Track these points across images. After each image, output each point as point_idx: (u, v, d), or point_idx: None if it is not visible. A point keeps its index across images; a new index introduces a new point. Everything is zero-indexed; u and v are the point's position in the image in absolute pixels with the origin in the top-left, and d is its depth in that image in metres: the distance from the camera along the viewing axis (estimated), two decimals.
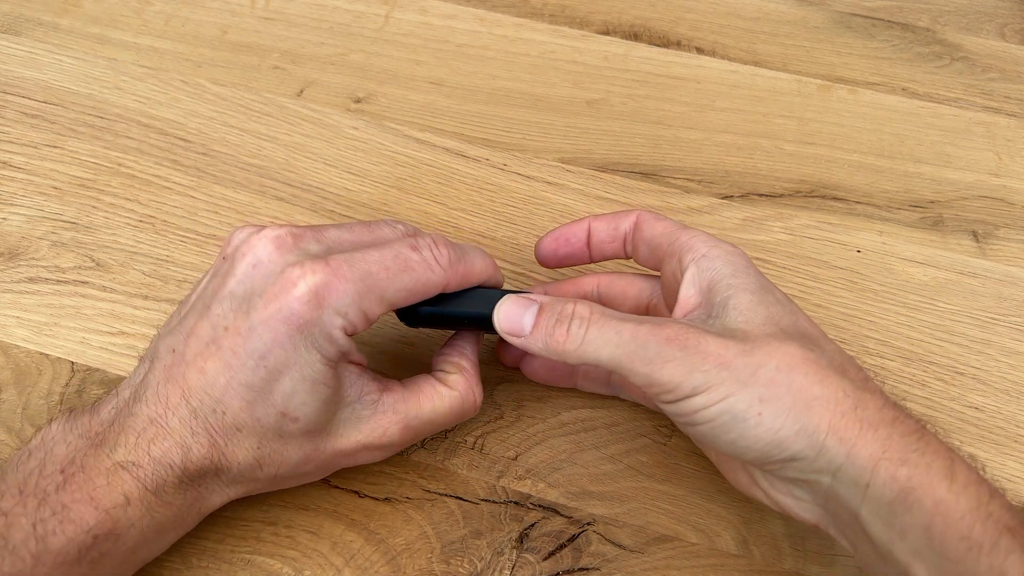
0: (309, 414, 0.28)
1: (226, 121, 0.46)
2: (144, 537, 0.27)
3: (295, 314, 0.26)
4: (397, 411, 0.30)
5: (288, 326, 0.26)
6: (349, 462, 0.30)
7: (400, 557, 0.32)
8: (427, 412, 0.30)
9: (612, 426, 0.36)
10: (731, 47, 0.53)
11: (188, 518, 0.29)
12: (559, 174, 0.45)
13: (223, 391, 0.27)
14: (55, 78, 0.48)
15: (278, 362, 0.27)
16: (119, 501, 0.26)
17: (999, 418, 0.37)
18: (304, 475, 0.30)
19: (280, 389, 0.27)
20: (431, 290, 0.29)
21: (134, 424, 0.27)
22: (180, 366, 0.27)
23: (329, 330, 0.27)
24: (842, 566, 0.33)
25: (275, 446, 0.28)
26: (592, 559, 0.33)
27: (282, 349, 0.27)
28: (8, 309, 0.38)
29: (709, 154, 0.47)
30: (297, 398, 0.27)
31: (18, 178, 0.43)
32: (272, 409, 0.27)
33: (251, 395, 0.27)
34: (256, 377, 0.27)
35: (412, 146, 0.46)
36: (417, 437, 0.31)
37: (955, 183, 0.46)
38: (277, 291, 0.27)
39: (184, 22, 0.51)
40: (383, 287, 0.28)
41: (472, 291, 0.31)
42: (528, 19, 0.53)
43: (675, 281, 0.31)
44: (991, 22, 0.55)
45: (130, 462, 0.26)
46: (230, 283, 0.28)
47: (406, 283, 0.29)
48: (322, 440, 0.29)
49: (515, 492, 0.34)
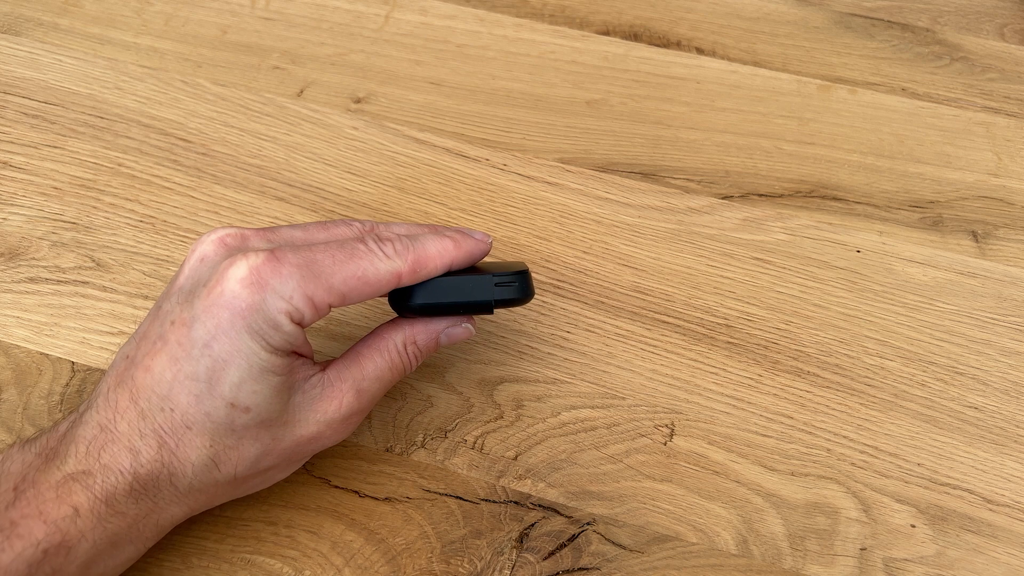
0: (260, 403, 0.27)
1: (226, 121, 0.46)
2: (97, 550, 0.26)
3: (236, 297, 0.26)
4: (344, 379, 0.29)
5: (230, 311, 0.26)
6: (315, 447, 0.30)
7: (400, 557, 0.32)
8: (371, 371, 0.30)
9: (612, 426, 0.36)
10: (731, 47, 0.53)
11: (145, 531, 0.28)
12: (559, 174, 0.45)
13: (170, 386, 0.26)
14: (55, 78, 0.48)
15: (223, 350, 0.26)
16: (68, 513, 0.25)
17: (999, 418, 0.37)
18: (267, 472, 0.29)
19: (227, 379, 0.26)
20: (385, 278, 0.28)
21: (84, 433, 0.27)
22: (130, 368, 0.27)
23: (273, 316, 0.26)
24: (842, 566, 0.33)
25: (229, 441, 0.27)
26: (592, 559, 0.33)
27: (226, 336, 0.26)
28: (8, 309, 0.38)
29: (709, 154, 0.47)
30: (246, 387, 0.26)
31: (18, 178, 0.43)
32: (221, 401, 0.26)
33: (198, 387, 0.26)
34: (201, 367, 0.26)
35: (412, 146, 0.46)
36: (373, 401, 0.31)
37: (955, 183, 0.46)
38: (218, 277, 0.26)
39: (184, 22, 0.51)
40: (329, 274, 0.27)
41: (461, 276, 0.31)
42: (528, 19, 0.53)
43: None
44: (991, 22, 0.55)
45: (80, 472, 0.26)
46: (179, 280, 0.28)
47: (354, 271, 0.28)
48: (279, 430, 0.28)
49: (515, 492, 0.34)
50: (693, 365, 0.38)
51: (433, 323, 0.31)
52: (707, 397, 0.37)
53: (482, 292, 0.30)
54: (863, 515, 0.34)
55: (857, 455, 0.36)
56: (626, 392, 0.37)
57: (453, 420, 0.36)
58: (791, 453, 0.36)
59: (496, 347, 0.38)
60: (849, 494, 0.35)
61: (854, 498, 0.35)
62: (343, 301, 0.28)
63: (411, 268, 0.29)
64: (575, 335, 0.39)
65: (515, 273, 0.31)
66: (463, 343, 0.38)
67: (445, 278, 0.30)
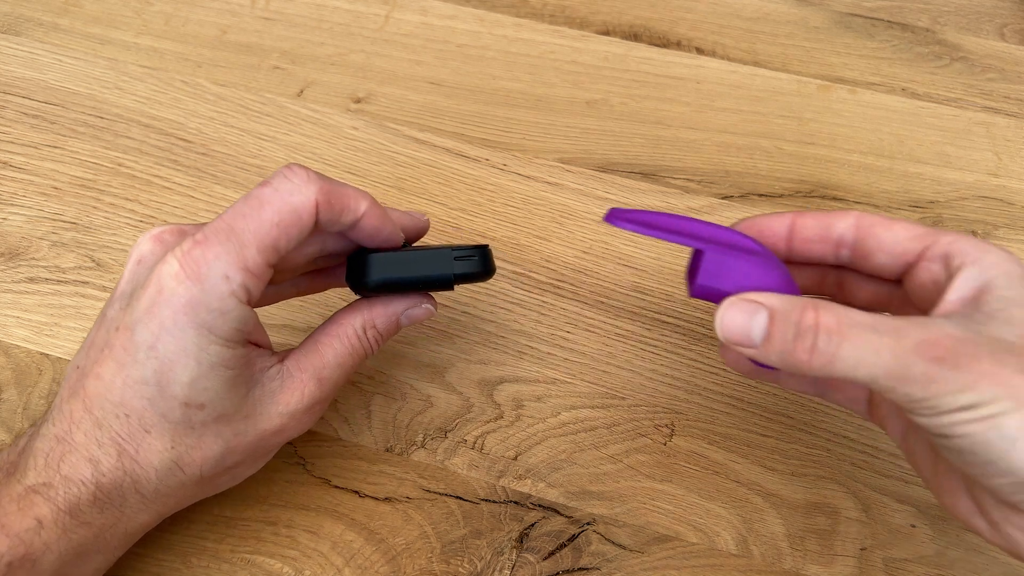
0: (215, 399, 0.26)
1: (226, 121, 0.46)
2: (63, 561, 0.26)
3: (174, 295, 0.25)
4: (304, 368, 0.29)
5: (171, 309, 0.25)
6: (280, 439, 0.29)
7: (400, 557, 0.32)
8: (331, 358, 0.30)
9: (612, 426, 0.36)
10: (731, 47, 0.53)
11: (112, 540, 0.27)
12: (559, 174, 0.45)
13: (121, 393, 0.26)
14: (55, 78, 0.48)
15: (168, 351, 0.25)
16: (31, 525, 0.25)
17: None
18: (234, 468, 0.29)
19: (177, 379, 0.26)
20: (303, 215, 0.27)
21: (42, 446, 0.26)
22: (81, 379, 0.27)
23: (217, 302, 0.25)
24: (841, 566, 0.33)
25: (190, 441, 0.27)
26: (592, 559, 0.33)
27: (170, 336, 0.25)
28: (8, 309, 0.38)
29: (709, 154, 0.47)
30: (197, 385, 0.26)
31: (18, 178, 0.43)
32: (174, 402, 0.26)
33: (148, 391, 0.26)
34: (148, 370, 0.26)
35: (412, 146, 0.46)
36: (336, 388, 0.30)
37: (955, 183, 0.46)
38: (153, 278, 0.26)
39: (184, 22, 0.51)
40: (249, 232, 0.26)
41: (420, 251, 0.30)
42: (528, 19, 0.53)
43: (933, 288, 0.28)
44: (991, 22, 0.55)
45: (41, 483, 0.26)
46: (120, 285, 0.28)
47: (269, 217, 0.26)
48: (240, 425, 0.28)
49: (515, 492, 0.34)
50: (693, 365, 0.38)
51: (392, 304, 0.31)
52: (707, 397, 0.37)
53: (441, 266, 0.29)
54: (863, 515, 0.34)
55: (857, 455, 0.36)
56: (626, 392, 0.37)
57: (453, 420, 0.36)
58: (791, 453, 0.36)
59: (496, 347, 0.38)
60: (849, 494, 0.35)
61: (854, 498, 0.35)
62: (278, 254, 0.27)
63: (325, 198, 0.27)
64: (575, 335, 0.39)
65: (475, 247, 0.30)
66: (462, 345, 0.38)
67: (402, 252, 0.29)
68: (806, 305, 0.25)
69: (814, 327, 0.25)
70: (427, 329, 0.39)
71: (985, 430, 0.23)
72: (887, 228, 0.29)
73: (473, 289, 0.40)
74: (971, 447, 0.24)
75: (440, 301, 0.40)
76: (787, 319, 0.25)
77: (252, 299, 0.26)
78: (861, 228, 0.30)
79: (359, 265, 0.30)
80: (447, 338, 0.39)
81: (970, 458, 0.24)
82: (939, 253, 0.28)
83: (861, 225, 0.30)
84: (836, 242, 0.30)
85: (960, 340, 0.24)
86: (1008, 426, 0.23)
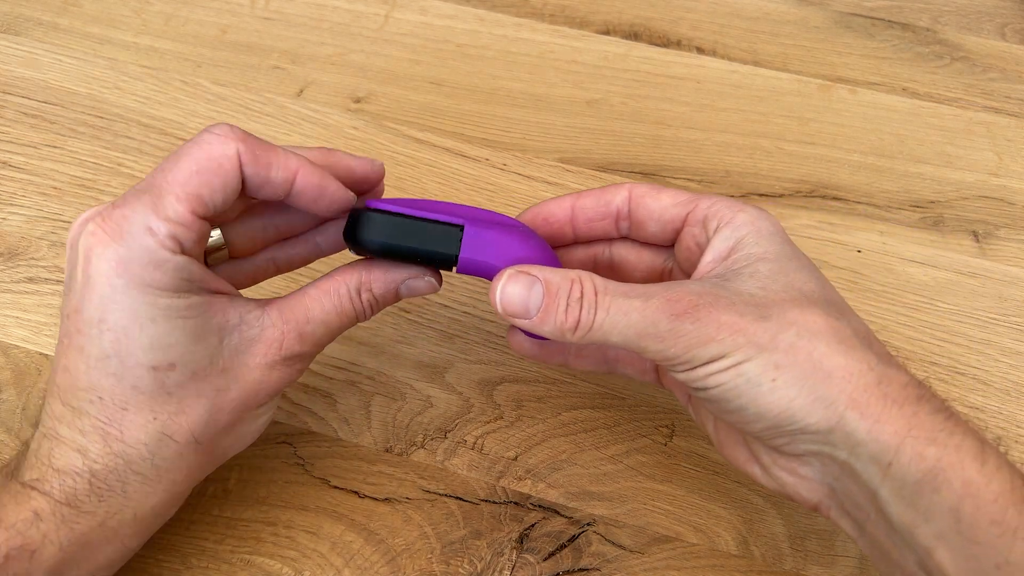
0: (183, 355, 0.26)
1: (226, 121, 0.46)
2: (66, 554, 0.25)
3: (100, 258, 0.25)
4: (287, 320, 0.28)
5: (105, 276, 0.25)
6: (265, 390, 0.28)
7: (400, 557, 0.32)
8: (317, 313, 0.28)
9: (612, 426, 0.36)
10: (731, 47, 0.53)
11: (121, 528, 0.26)
12: (559, 174, 0.45)
13: (87, 377, 0.25)
14: (55, 78, 0.47)
15: (117, 319, 0.25)
16: (27, 516, 0.25)
17: (1000, 418, 0.37)
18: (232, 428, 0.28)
19: (135, 344, 0.25)
20: (224, 164, 0.26)
21: (35, 446, 0.26)
22: (53, 376, 0.26)
23: (150, 255, 0.25)
24: (842, 566, 0.33)
25: (171, 408, 0.26)
26: (592, 559, 0.33)
27: (114, 303, 0.25)
28: (8, 309, 0.38)
29: (709, 154, 0.47)
30: (160, 343, 0.25)
31: (18, 178, 0.43)
32: (140, 370, 0.25)
33: (112, 365, 0.25)
34: (106, 343, 0.25)
35: (412, 146, 0.46)
36: (318, 346, 0.29)
37: (955, 183, 0.46)
38: (80, 249, 0.25)
39: (184, 22, 0.51)
40: (167, 183, 0.25)
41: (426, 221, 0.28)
42: (528, 19, 0.53)
43: (697, 251, 0.29)
44: (991, 22, 0.55)
45: (35, 479, 0.26)
46: (65, 274, 0.27)
47: (187, 166, 0.25)
48: (219, 379, 0.27)
49: (515, 492, 0.34)
50: None
51: (393, 271, 0.29)
52: None
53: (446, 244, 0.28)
54: None
55: None
56: (626, 392, 0.37)
57: (453, 420, 0.36)
58: None
59: (496, 347, 0.38)
60: None
61: None
62: (204, 203, 0.25)
63: (249, 149, 0.26)
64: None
65: None
66: (462, 345, 0.38)
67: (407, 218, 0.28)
68: (572, 277, 0.26)
69: (580, 296, 0.26)
70: (427, 329, 0.39)
71: (732, 378, 0.25)
72: (655, 198, 0.31)
73: (473, 288, 0.40)
74: (724, 396, 0.25)
75: (440, 301, 0.40)
76: (559, 291, 0.26)
77: (186, 248, 0.25)
78: (633, 199, 0.31)
79: (356, 222, 0.28)
80: (447, 338, 0.38)
81: (727, 406, 0.26)
82: (699, 217, 0.29)
83: (633, 196, 0.31)
84: (615, 216, 0.31)
85: (701, 295, 0.26)
86: (751, 371, 0.25)
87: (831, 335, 0.25)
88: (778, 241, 0.28)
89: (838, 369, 0.25)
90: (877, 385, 0.24)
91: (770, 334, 0.25)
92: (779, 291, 0.26)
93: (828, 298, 0.27)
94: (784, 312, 0.25)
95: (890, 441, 0.24)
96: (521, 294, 0.27)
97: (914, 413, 0.24)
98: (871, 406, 0.24)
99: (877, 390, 0.24)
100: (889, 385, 0.25)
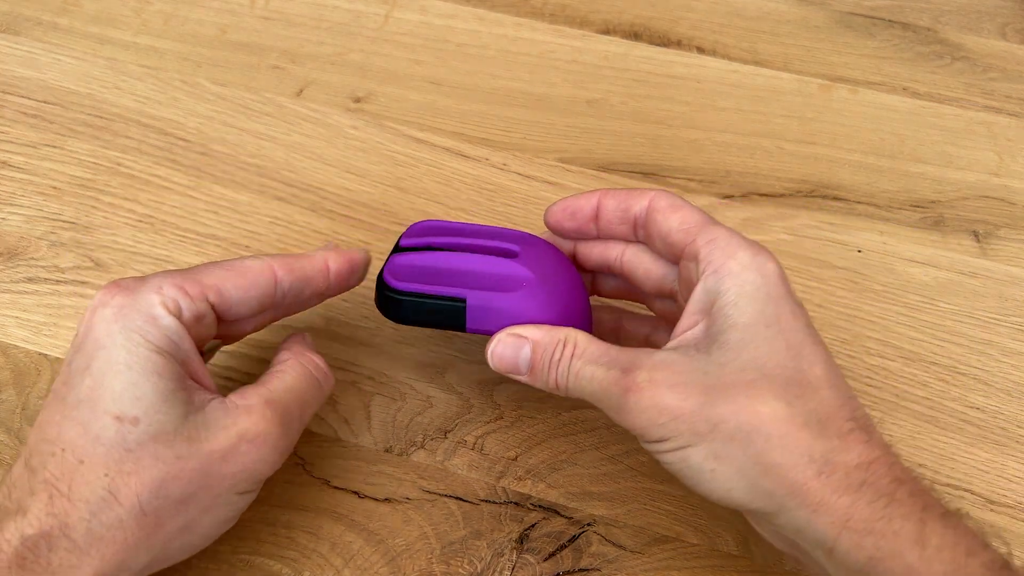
0: (149, 411, 0.25)
1: (225, 121, 0.46)
2: None
3: (106, 306, 0.26)
4: (250, 398, 0.27)
5: (105, 322, 0.26)
6: (230, 468, 0.26)
7: (400, 558, 0.32)
8: (281, 388, 0.28)
9: (612, 426, 0.36)
10: (732, 46, 0.52)
11: None
12: (559, 174, 0.45)
13: (58, 427, 0.25)
14: (54, 78, 0.47)
15: (100, 364, 0.25)
16: None
17: (1000, 418, 0.37)
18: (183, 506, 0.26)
19: (109, 389, 0.25)
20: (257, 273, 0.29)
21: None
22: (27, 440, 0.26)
23: (148, 307, 0.26)
24: None
25: (127, 467, 0.25)
26: (592, 560, 0.33)
27: (103, 350, 0.25)
28: (7, 309, 0.38)
29: (709, 154, 0.47)
30: (130, 393, 0.25)
31: (17, 178, 0.43)
32: (107, 417, 0.25)
33: (82, 411, 0.25)
34: (83, 388, 0.25)
35: (412, 146, 0.46)
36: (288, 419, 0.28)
37: (956, 183, 0.46)
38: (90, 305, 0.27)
39: (183, 22, 0.51)
40: (198, 272, 0.28)
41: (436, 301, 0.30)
42: (528, 19, 0.53)
43: (687, 287, 0.29)
44: (992, 21, 0.55)
45: None
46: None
47: (223, 267, 0.29)
48: (182, 447, 0.25)
49: (515, 493, 0.34)
50: None
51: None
52: None
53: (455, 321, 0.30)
54: None
55: None
56: None
57: (453, 420, 0.36)
58: None
59: None
60: None
61: None
62: (219, 295, 0.28)
63: (284, 264, 0.29)
64: None
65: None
66: (462, 345, 0.38)
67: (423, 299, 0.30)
68: (560, 338, 0.28)
69: (559, 359, 0.28)
70: (427, 329, 0.39)
71: (677, 460, 0.26)
72: (666, 216, 0.30)
73: None
74: (678, 474, 0.26)
75: None
76: (546, 351, 0.28)
77: (184, 318, 0.27)
78: (650, 211, 0.30)
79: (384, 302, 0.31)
80: (447, 338, 0.38)
81: (684, 482, 0.27)
82: (694, 252, 0.29)
83: (651, 208, 0.30)
84: (633, 223, 0.31)
85: (655, 370, 0.26)
86: (692, 458, 0.25)
87: (774, 426, 0.25)
88: (760, 300, 0.27)
89: (775, 464, 0.25)
90: (816, 477, 0.24)
91: (710, 424, 0.25)
92: (737, 370, 0.26)
93: (792, 376, 0.26)
94: (733, 398, 0.25)
95: (827, 531, 0.24)
96: (510, 356, 0.29)
97: (852, 503, 0.24)
98: (809, 497, 0.24)
99: (816, 482, 0.24)
100: (831, 475, 0.24)
